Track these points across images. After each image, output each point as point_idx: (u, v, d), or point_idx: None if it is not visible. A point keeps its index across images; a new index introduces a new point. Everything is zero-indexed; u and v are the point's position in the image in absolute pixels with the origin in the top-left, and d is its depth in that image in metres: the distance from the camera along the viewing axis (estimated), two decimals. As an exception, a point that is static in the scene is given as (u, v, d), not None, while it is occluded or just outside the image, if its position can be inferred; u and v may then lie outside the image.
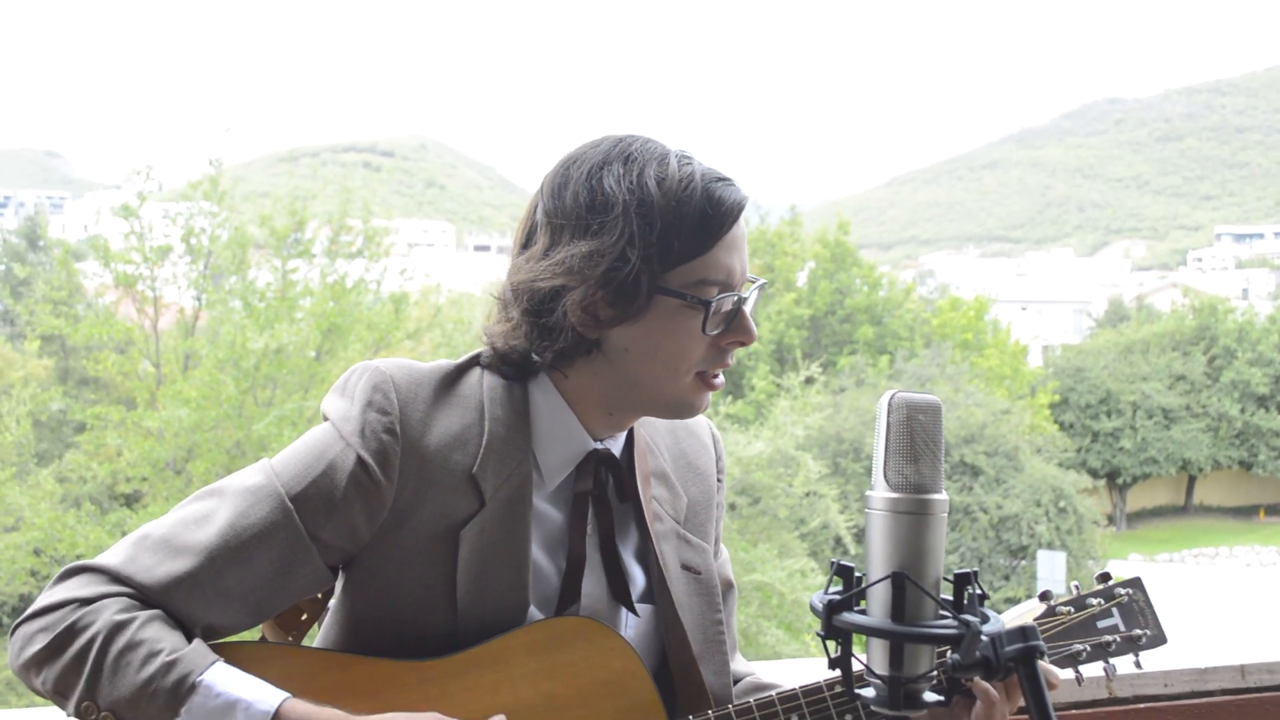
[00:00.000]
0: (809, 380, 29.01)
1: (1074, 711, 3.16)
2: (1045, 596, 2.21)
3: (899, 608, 1.40)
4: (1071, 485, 35.39)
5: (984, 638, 1.36)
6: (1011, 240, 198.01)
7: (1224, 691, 3.27)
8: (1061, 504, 34.02)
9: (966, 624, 1.37)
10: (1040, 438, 38.95)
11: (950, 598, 1.45)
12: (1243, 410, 51.06)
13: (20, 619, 1.80)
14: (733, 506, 22.30)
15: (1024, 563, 32.32)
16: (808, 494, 23.39)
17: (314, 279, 23.40)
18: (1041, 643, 1.35)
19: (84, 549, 19.36)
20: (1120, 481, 50.23)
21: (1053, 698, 3.11)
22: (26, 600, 22.46)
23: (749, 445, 22.63)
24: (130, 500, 22.72)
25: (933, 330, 46.72)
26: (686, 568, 2.10)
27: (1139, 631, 2.19)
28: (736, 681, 2.24)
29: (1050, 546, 32.29)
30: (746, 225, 1.98)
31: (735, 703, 2.02)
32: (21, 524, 20.51)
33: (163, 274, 23.75)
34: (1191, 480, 53.39)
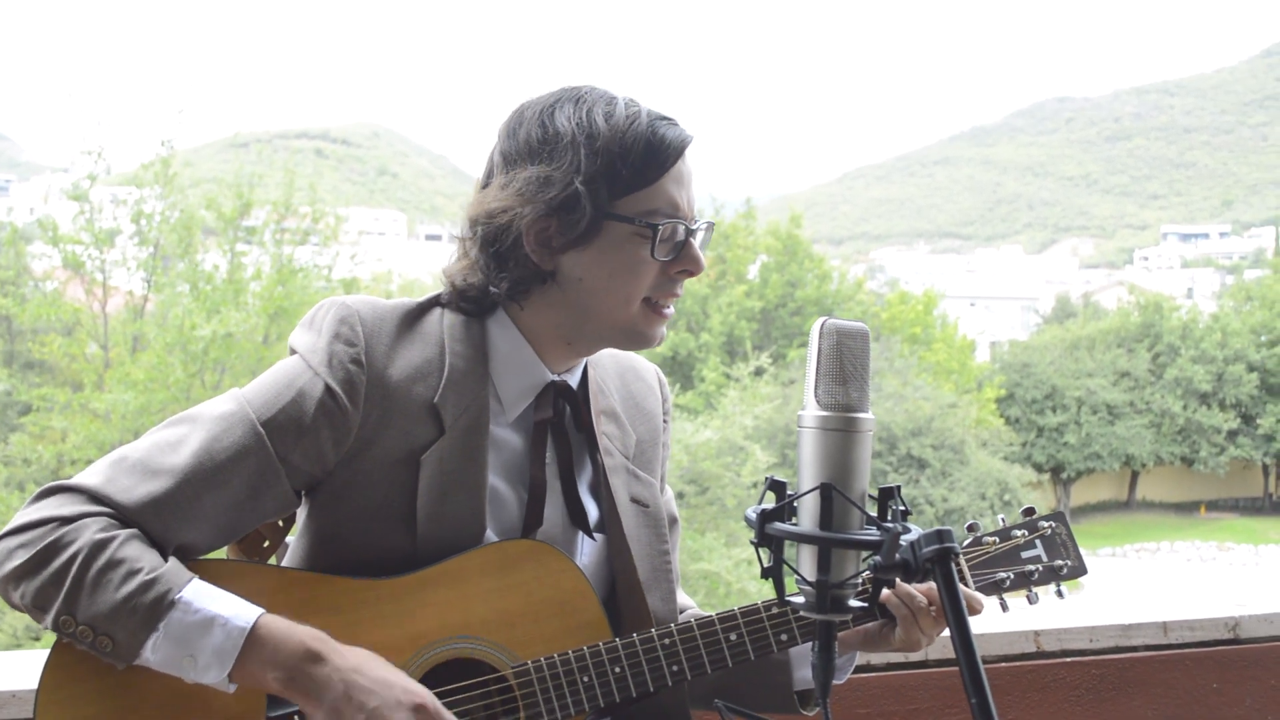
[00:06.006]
0: (758, 371, 29.18)
1: (1003, 665, 3.29)
2: (973, 528, 2.33)
3: (827, 517, 1.50)
4: (1016, 479, 35.84)
5: (903, 541, 1.46)
6: (961, 237, 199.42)
7: (1147, 647, 3.42)
8: (1006, 497, 34.45)
9: (888, 530, 1.47)
10: (986, 432, 39.39)
11: (875, 513, 1.56)
12: (1185, 407, 51.75)
13: None
14: (680, 495, 22.39)
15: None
16: (755, 484, 23.52)
17: (264, 264, 23.35)
18: (957, 545, 1.45)
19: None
20: (1064, 476, 50.80)
21: (983, 649, 3.25)
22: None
23: (697, 434, 22.74)
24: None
25: (882, 324, 47.05)
26: (635, 501, 2.21)
27: (1060, 562, 2.34)
28: (681, 613, 2.35)
29: (994, 539, 32.68)
30: (692, 166, 2.09)
31: (678, 623, 2.13)
32: (-36, 505, 20.34)
33: (111, 257, 23.62)
34: (1134, 475, 54.06)
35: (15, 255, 24.55)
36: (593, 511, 2.19)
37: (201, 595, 1.82)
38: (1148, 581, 36.90)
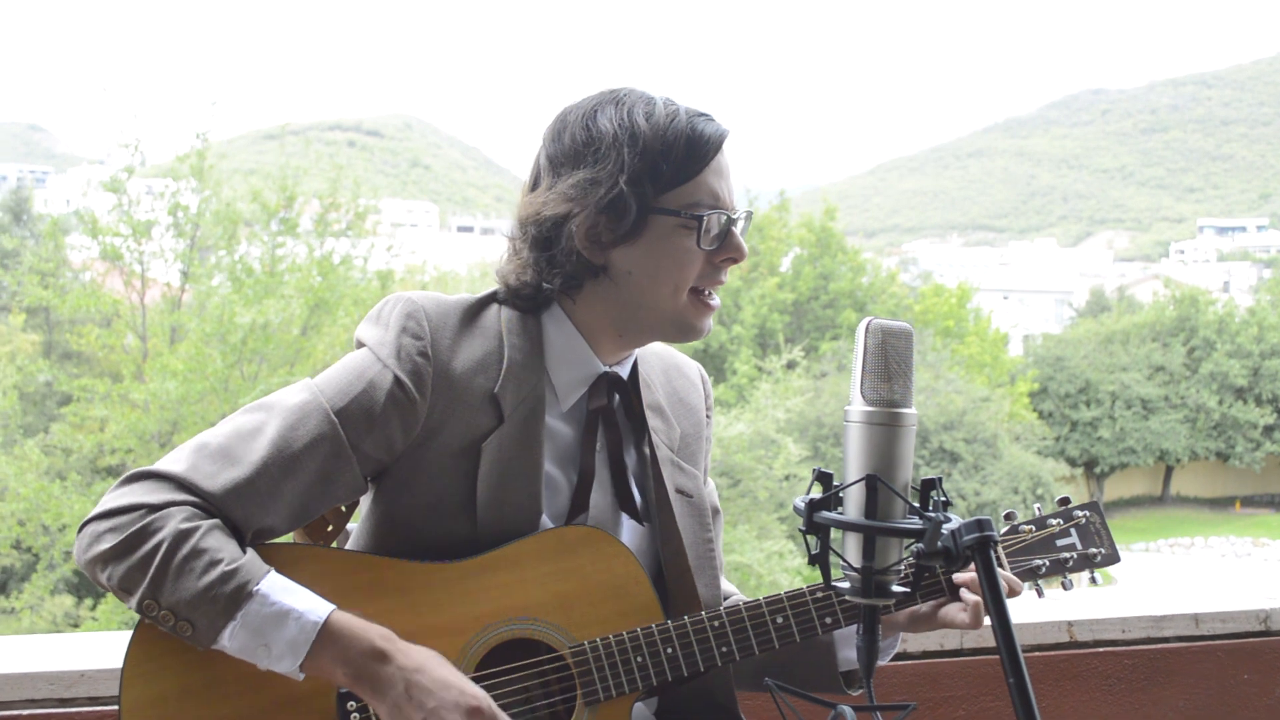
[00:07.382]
0: (791, 364, 29.19)
1: (1037, 654, 3.37)
2: (1009, 517, 2.42)
3: (872, 506, 1.60)
4: (1049, 473, 35.66)
5: (945, 530, 1.54)
6: (995, 229, 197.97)
7: (1179, 638, 3.49)
8: (1039, 491, 34.27)
9: (930, 519, 1.56)
10: (1019, 426, 39.21)
11: (918, 503, 1.64)
12: (1221, 402, 51.42)
13: (89, 517, 1.97)
14: (713, 487, 22.41)
15: (1001, 549, 32.70)
16: (787, 477, 23.55)
17: (301, 255, 23.51)
18: (995, 533, 1.54)
19: (68, 520, 19.54)
20: (1098, 470, 50.59)
21: (1016, 639, 3.32)
22: (7, 572, 22.59)
23: (730, 427, 22.77)
24: (115, 472, 22.74)
25: (915, 317, 46.87)
26: (680, 491, 2.32)
27: (1095, 550, 2.43)
28: (725, 599, 2.45)
29: (1027, 534, 32.66)
30: (729, 159, 2.20)
31: (725, 606, 2.23)
32: (6, 494, 20.64)
33: (149, 248, 23.81)
34: (1169, 470, 53.76)
35: (54, 247, 24.74)
36: (638, 500, 2.30)
37: (277, 589, 1.92)
38: (1181, 577, 36.71)
